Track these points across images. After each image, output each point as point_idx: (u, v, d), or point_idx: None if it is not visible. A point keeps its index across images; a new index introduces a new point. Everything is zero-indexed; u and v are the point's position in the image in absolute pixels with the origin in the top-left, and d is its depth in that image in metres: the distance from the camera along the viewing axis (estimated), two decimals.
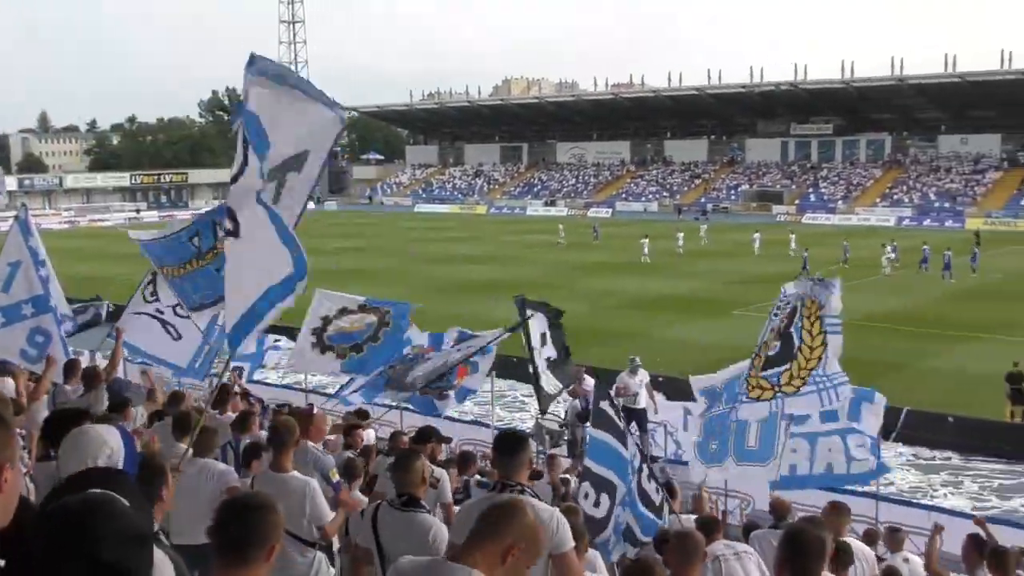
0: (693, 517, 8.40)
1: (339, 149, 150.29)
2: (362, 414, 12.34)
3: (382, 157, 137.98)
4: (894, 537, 9.04)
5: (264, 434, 8.23)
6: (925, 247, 46.91)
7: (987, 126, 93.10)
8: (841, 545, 6.93)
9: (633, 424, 14.99)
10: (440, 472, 7.69)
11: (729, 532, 8.37)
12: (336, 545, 6.82)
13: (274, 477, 6.38)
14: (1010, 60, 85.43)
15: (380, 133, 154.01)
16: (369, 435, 11.60)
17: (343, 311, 11.68)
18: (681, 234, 55.30)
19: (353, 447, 9.95)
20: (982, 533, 8.49)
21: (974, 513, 12.82)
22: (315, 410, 9.53)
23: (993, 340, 29.07)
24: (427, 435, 9.41)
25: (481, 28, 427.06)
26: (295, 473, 6.39)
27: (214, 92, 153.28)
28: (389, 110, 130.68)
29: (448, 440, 11.23)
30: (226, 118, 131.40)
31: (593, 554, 6.77)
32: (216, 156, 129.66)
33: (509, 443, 4.90)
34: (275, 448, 6.55)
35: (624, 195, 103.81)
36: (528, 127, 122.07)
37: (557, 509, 4.55)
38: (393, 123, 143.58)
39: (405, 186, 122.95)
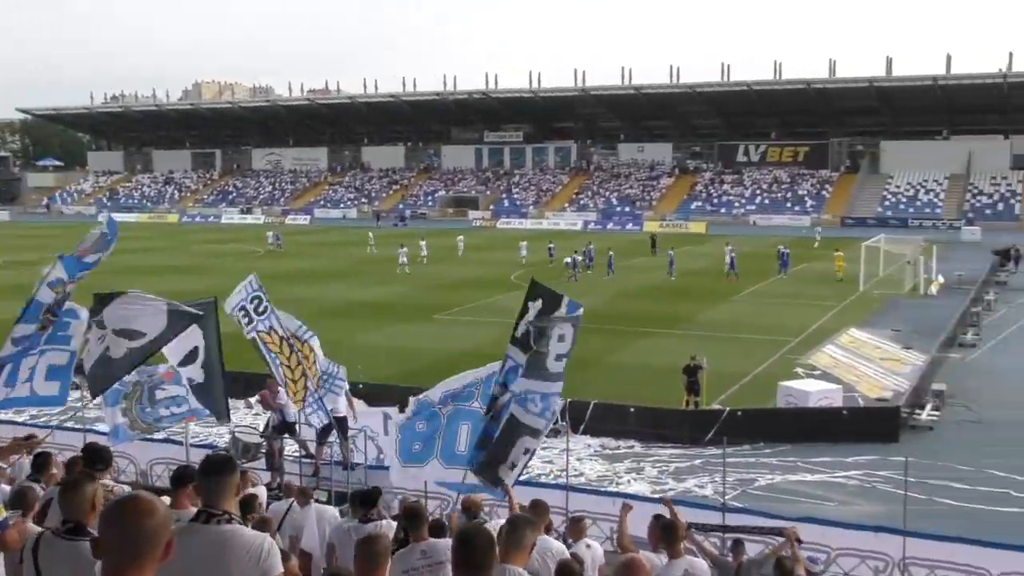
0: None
1: (8, 155, 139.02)
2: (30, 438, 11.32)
3: (61, 163, 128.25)
4: (576, 527, 9.24)
5: None
6: (590, 246, 52.16)
7: (660, 136, 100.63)
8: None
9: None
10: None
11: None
12: None
13: None
14: (678, 75, 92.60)
15: (57, 138, 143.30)
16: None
17: None
18: (424, 242, 55.26)
19: (43, 478, 9.09)
20: (668, 514, 9.07)
21: (662, 495, 13.71)
22: None
23: (671, 334, 31.44)
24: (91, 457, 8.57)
25: (168, 29, 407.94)
26: None
27: None
28: (67, 113, 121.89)
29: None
30: None
31: None
32: None
33: (213, 466, 4.35)
34: None
35: (322, 202, 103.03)
36: (221, 133, 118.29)
37: (268, 535, 4.32)
38: (72, 127, 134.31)
39: (88, 194, 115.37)
